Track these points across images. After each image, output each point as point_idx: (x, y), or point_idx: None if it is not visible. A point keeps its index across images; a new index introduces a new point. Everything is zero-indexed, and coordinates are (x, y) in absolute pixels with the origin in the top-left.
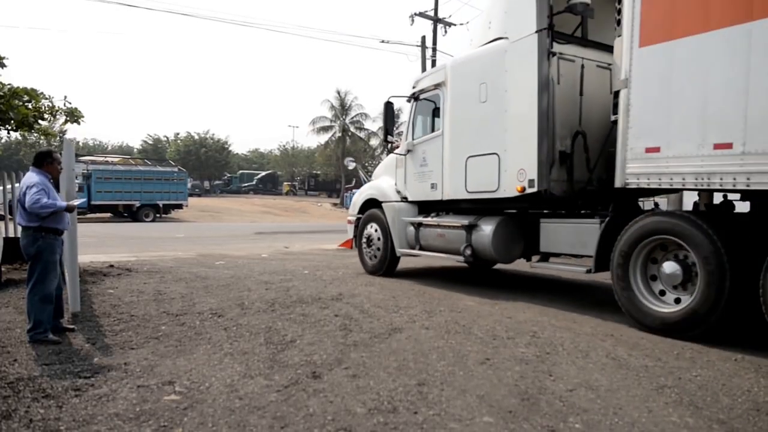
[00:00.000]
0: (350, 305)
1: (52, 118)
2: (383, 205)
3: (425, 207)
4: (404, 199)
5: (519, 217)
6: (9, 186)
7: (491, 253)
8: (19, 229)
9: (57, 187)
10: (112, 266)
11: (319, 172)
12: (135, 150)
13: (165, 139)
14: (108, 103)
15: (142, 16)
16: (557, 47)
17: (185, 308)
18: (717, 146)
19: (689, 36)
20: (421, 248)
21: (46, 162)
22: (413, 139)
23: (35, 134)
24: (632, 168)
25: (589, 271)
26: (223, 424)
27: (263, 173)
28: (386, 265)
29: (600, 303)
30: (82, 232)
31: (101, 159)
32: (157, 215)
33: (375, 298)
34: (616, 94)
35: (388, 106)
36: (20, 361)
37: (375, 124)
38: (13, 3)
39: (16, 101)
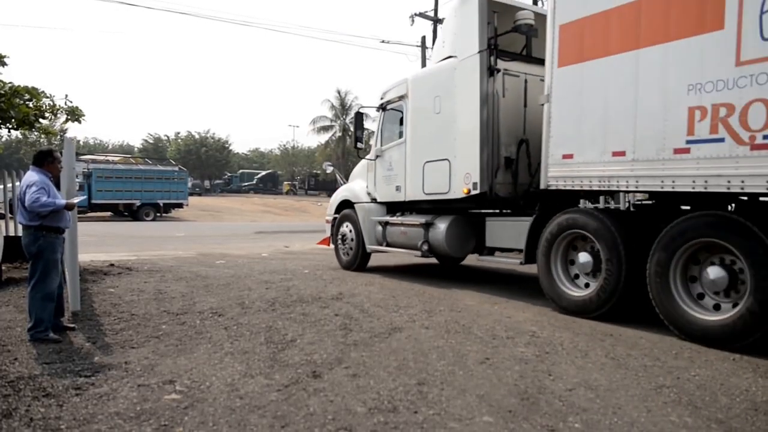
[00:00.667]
0: (350, 305)
1: (53, 117)
2: (355, 205)
3: (392, 207)
4: (374, 201)
5: (470, 216)
6: (9, 185)
7: (445, 248)
8: (20, 227)
9: (58, 186)
10: (112, 265)
11: (318, 172)
12: (135, 149)
13: (165, 138)
14: (109, 102)
15: (143, 15)
16: (503, 64)
17: (186, 307)
18: (614, 154)
19: (594, 59)
20: (388, 244)
21: (47, 161)
22: (381, 145)
23: (36, 133)
24: (552, 172)
25: (522, 263)
26: (223, 424)
27: (263, 173)
28: (358, 261)
29: None
30: (83, 231)
31: (102, 158)
32: (158, 214)
33: (375, 297)
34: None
35: (358, 116)
36: (21, 360)
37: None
38: (13, 2)
39: (17, 100)
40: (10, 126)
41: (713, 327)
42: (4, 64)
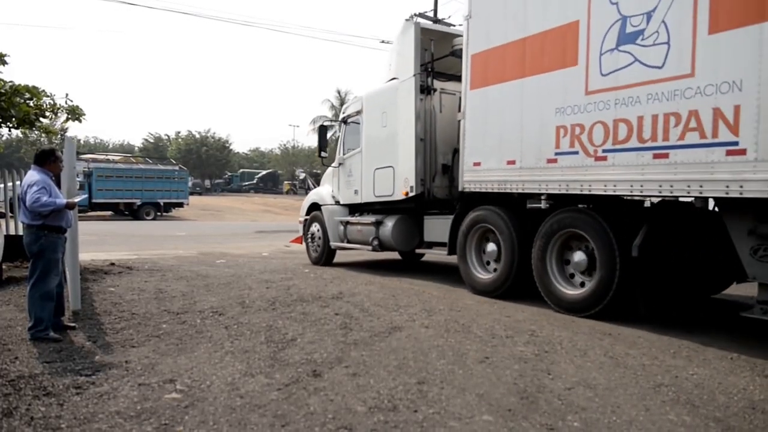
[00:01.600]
0: (350, 304)
1: (53, 116)
2: (322, 207)
3: (352, 209)
4: (337, 203)
5: (413, 215)
6: (10, 184)
7: (392, 243)
8: (21, 226)
9: (59, 185)
10: (113, 264)
11: (319, 171)
12: (136, 148)
13: (166, 137)
14: (109, 101)
15: (144, 14)
16: (439, 84)
17: (186, 306)
18: (508, 162)
19: (495, 84)
20: (348, 242)
21: (49, 161)
22: (343, 154)
23: (36, 132)
24: (466, 177)
25: (447, 254)
26: (224, 423)
27: (264, 172)
28: (325, 257)
29: None
30: (83, 230)
31: (102, 157)
32: (158, 214)
33: (375, 296)
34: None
35: (322, 129)
36: (21, 359)
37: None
38: (14, 1)
39: (18, 99)
40: (11, 125)
41: (577, 299)
42: (4, 63)
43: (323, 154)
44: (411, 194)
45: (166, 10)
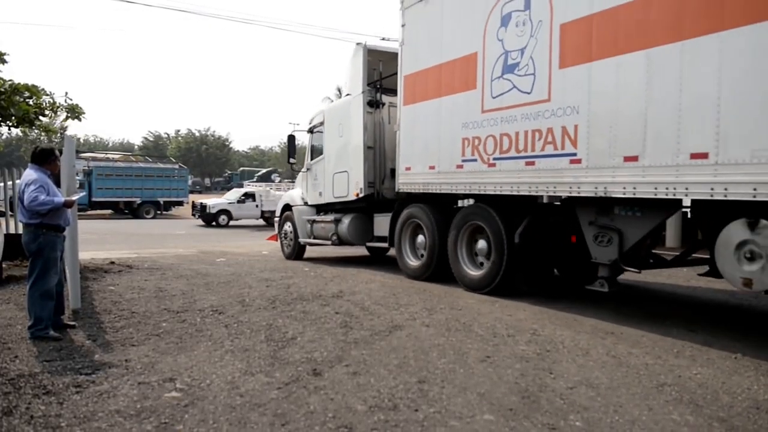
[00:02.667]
0: (351, 302)
1: (53, 115)
2: (292, 208)
3: (318, 209)
4: (306, 204)
5: (366, 214)
6: (10, 182)
7: (348, 238)
8: (20, 225)
9: (58, 184)
10: (112, 263)
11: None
12: (136, 147)
13: (166, 136)
14: (109, 99)
15: (143, 12)
16: (388, 99)
17: (186, 305)
18: (430, 167)
19: (420, 102)
20: (314, 238)
21: (50, 160)
22: (310, 160)
23: (36, 131)
24: (400, 180)
25: (388, 246)
26: (223, 422)
27: (264, 170)
28: (296, 252)
29: (599, 302)
30: (83, 228)
31: (102, 156)
32: (158, 212)
33: (375, 295)
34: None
35: (291, 138)
36: (21, 358)
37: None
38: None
39: (17, 97)
40: (11, 124)
41: (478, 278)
42: (4, 61)
43: (292, 160)
44: (361, 195)
45: (165, 8)
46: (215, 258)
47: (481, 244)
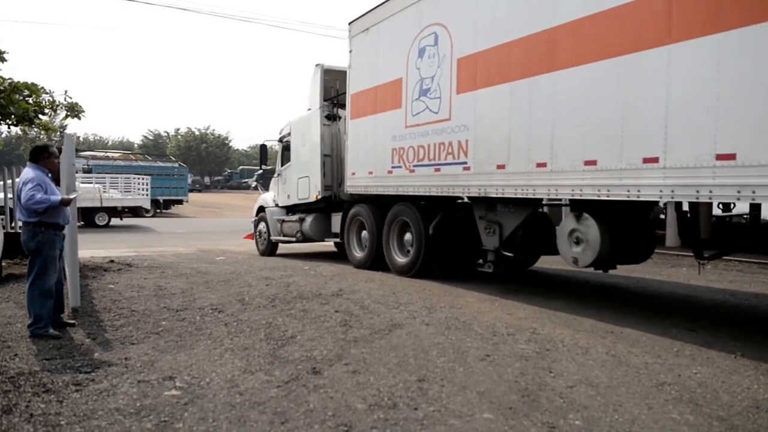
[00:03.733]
0: (351, 301)
1: (52, 113)
2: (265, 209)
3: (287, 210)
4: (277, 205)
5: (325, 213)
6: (9, 181)
7: (310, 234)
8: (20, 223)
9: (57, 182)
10: (112, 261)
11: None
12: (135, 145)
13: (165, 134)
14: (109, 98)
15: (143, 11)
16: (343, 113)
17: (186, 303)
18: (369, 173)
19: (361, 117)
20: (283, 236)
21: (43, 156)
22: (281, 167)
23: (36, 129)
24: (348, 183)
25: (338, 241)
26: (223, 420)
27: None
28: (269, 249)
29: (599, 300)
30: (83, 227)
31: (102, 154)
32: (158, 210)
33: (375, 294)
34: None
35: (263, 147)
36: (21, 356)
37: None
38: None
39: (17, 96)
40: (10, 122)
41: (404, 264)
42: (3, 60)
43: (264, 167)
44: (320, 197)
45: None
46: (215, 256)
47: (407, 236)
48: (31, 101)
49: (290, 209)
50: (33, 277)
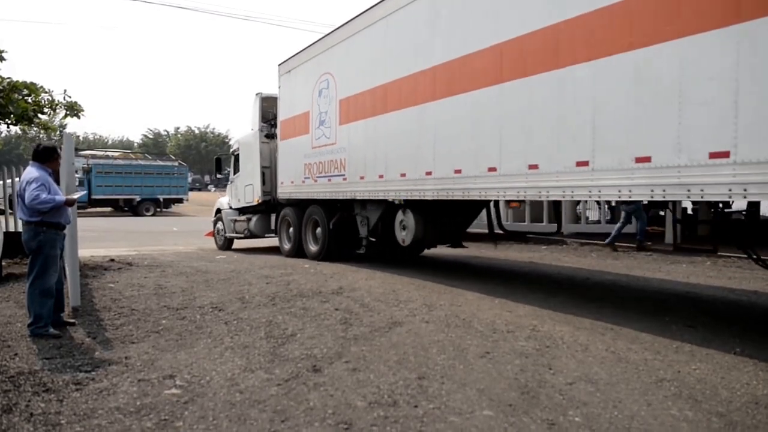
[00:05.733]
0: (351, 299)
1: (51, 112)
2: (222, 211)
3: (239, 211)
4: (231, 208)
5: (267, 214)
6: (9, 180)
7: (255, 232)
8: (20, 223)
9: (57, 181)
10: (112, 260)
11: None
12: (135, 144)
13: (165, 133)
14: (108, 97)
15: (142, 9)
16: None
17: (186, 302)
18: (291, 182)
19: (287, 139)
20: (236, 233)
21: (53, 158)
22: (233, 175)
23: (35, 128)
24: (279, 190)
25: (275, 235)
26: (223, 418)
27: None
28: (226, 244)
29: (599, 298)
30: (83, 226)
31: (101, 153)
32: (158, 209)
33: (375, 291)
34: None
35: (217, 160)
36: (21, 355)
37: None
38: None
39: (16, 95)
40: (9, 121)
41: (315, 252)
42: (2, 59)
43: (218, 175)
44: (260, 201)
45: (164, 5)
46: (215, 255)
47: (318, 230)
48: (30, 100)
49: (240, 211)
50: (33, 276)
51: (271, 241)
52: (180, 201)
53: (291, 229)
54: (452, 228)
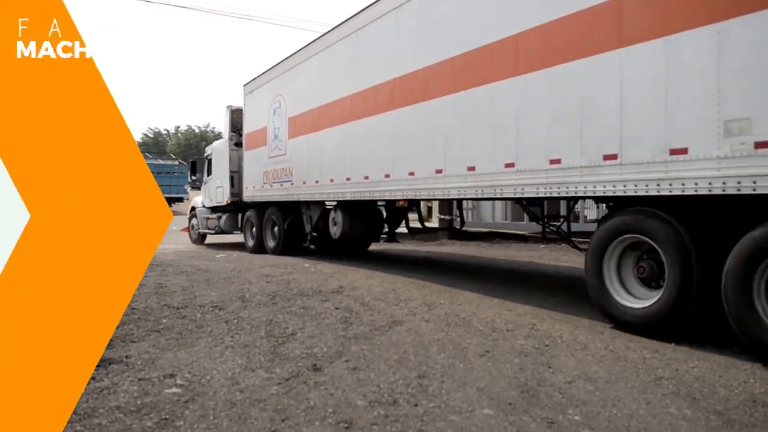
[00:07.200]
0: (351, 298)
1: None
2: (196, 209)
3: (211, 210)
4: (204, 206)
5: (235, 213)
6: None
7: (224, 228)
8: None
9: None
10: None
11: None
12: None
13: (166, 132)
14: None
15: (142, 9)
16: None
17: (186, 301)
18: (254, 186)
19: (251, 149)
20: (208, 229)
21: None
22: (207, 177)
23: None
24: (244, 193)
25: (241, 233)
26: (224, 417)
27: None
28: (199, 239)
29: None
30: None
31: None
32: None
33: (375, 290)
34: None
35: (193, 164)
36: None
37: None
38: None
39: None
40: None
41: (272, 247)
42: None
43: (193, 177)
44: (229, 202)
45: (164, 4)
46: (215, 254)
47: (275, 229)
48: None
49: (212, 209)
50: None
51: (238, 237)
52: (180, 200)
53: (254, 229)
54: (376, 225)
